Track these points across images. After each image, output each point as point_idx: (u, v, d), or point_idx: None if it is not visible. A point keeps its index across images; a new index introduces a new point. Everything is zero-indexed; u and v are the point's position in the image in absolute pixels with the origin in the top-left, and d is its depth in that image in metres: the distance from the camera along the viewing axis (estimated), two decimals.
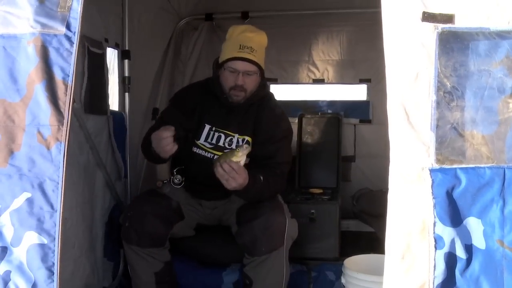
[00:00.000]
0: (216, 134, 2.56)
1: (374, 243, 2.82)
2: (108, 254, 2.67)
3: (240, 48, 2.44)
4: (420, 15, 1.44)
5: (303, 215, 2.95)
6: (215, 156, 2.50)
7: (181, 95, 2.75)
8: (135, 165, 3.27)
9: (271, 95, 2.71)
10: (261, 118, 2.58)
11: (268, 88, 2.73)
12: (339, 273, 2.43)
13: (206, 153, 2.55)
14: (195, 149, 2.56)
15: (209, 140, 2.56)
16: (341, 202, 3.20)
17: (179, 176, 2.55)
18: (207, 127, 2.57)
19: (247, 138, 2.56)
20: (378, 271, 1.78)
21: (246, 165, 2.28)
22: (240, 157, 2.24)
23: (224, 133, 2.56)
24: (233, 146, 2.54)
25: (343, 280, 2.32)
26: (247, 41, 2.46)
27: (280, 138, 2.56)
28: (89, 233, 2.46)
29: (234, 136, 2.56)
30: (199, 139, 2.57)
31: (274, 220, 2.36)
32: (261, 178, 2.38)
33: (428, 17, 1.43)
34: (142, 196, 2.79)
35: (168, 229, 2.46)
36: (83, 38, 2.24)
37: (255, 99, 2.57)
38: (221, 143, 2.55)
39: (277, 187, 2.53)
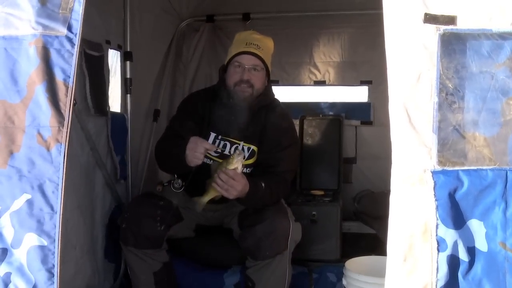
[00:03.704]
0: (222, 143, 2.54)
1: (375, 244, 2.82)
2: (109, 255, 2.66)
3: (246, 45, 2.46)
4: (422, 17, 1.44)
5: (305, 216, 2.95)
6: None
7: (189, 102, 2.71)
8: (136, 166, 3.26)
9: (278, 103, 2.68)
10: (267, 126, 2.56)
11: (274, 95, 2.69)
12: (340, 274, 2.43)
13: (211, 161, 2.52)
14: None
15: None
16: (342, 204, 3.20)
17: (179, 181, 2.53)
18: (213, 135, 2.55)
19: (252, 147, 2.55)
20: (379, 273, 1.77)
21: (249, 174, 2.27)
22: (236, 164, 2.24)
23: (230, 141, 2.55)
24: None
25: (344, 282, 2.31)
26: (254, 40, 2.48)
27: (285, 147, 2.54)
28: (90, 235, 2.46)
29: (239, 144, 2.55)
30: None
31: (278, 224, 2.35)
32: (263, 184, 2.37)
33: (430, 18, 1.43)
34: (139, 197, 2.79)
35: (165, 230, 2.45)
36: (81, 40, 2.26)
37: (262, 103, 2.54)
38: (226, 152, 2.53)
39: (280, 193, 2.51)
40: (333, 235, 3.03)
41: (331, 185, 3.54)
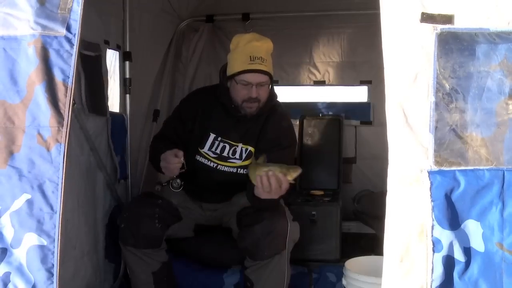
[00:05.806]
0: (221, 144, 2.54)
1: (375, 244, 2.81)
2: (109, 255, 2.66)
3: (251, 60, 2.39)
4: (419, 16, 1.44)
5: (304, 216, 2.95)
6: (218, 166, 2.51)
7: (186, 103, 2.71)
8: (136, 167, 3.27)
9: (278, 103, 2.67)
10: (267, 129, 2.56)
11: (276, 96, 2.67)
12: (340, 274, 2.43)
13: (209, 162, 2.54)
14: (198, 157, 2.55)
15: (213, 149, 2.54)
16: (342, 204, 3.19)
17: (178, 181, 2.53)
18: (212, 136, 2.55)
19: (250, 148, 2.55)
20: (379, 273, 1.76)
21: (246, 174, 2.26)
22: (294, 177, 2.16)
23: (229, 143, 2.55)
24: (237, 156, 2.54)
25: (344, 282, 2.31)
26: (257, 51, 2.41)
27: (284, 147, 2.54)
28: (91, 235, 2.46)
29: (237, 146, 2.55)
30: (203, 148, 2.55)
31: (276, 224, 2.35)
32: None
33: (427, 18, 1.43)
34: (138, 197, 2.80)
35: (163, 230, 2.46)
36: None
37: (264, 110, 2.54)
38: (225, 153, 2.54)
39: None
40: (332, 235, 3.02)
41: (330, 185, 3.53)
